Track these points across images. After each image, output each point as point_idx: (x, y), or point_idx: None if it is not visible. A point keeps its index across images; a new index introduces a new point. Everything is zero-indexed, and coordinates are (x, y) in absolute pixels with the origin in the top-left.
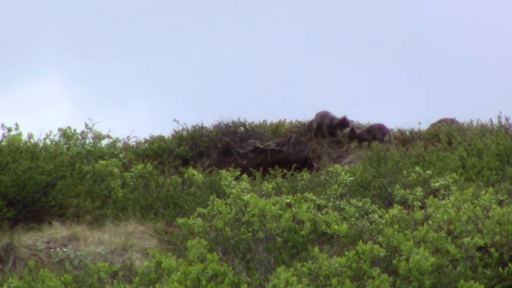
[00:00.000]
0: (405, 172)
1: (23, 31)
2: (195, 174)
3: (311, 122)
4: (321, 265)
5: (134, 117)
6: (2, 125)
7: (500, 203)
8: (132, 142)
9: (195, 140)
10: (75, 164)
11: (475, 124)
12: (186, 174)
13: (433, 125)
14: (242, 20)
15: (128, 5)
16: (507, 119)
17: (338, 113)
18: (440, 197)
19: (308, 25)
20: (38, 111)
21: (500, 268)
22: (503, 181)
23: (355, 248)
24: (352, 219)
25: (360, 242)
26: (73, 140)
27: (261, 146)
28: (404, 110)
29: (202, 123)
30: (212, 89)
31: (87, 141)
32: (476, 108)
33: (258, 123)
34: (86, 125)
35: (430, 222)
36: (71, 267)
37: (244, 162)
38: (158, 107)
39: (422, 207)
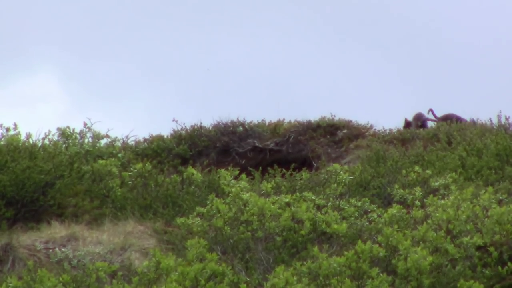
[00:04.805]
0: (404, 171)
1: (20, 28)
2: (194, 173)
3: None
4: (321, 265)
5: (133, 117)
6: (1, 125)
7: (499, 202)
8: (131, 141)
9: (194, 139)
10: (74, 163)
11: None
12: (185, 174)
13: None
14: (242, 19)
15: (126, 3)
16: (506, 119)
17: (338, 112)
18: (440, 196)
19: (307, 24)
20: (34, 107)
21: (500, 267)
22: (502, 180)
23: (354, 247)
24: (352, 218)
25: (360, 241)
26: (71, 140)
27: (260, 146)
28: (404, 110)
29: (201, 123)
30: (211, 88)
31: (86, 140)
32: (475, 107)
33: (257, 122)
34: (85, 124)
35: (429, 221)
36: (69, 267)
37: (243, 161)
38: (157, 107)
39: (422, 207)
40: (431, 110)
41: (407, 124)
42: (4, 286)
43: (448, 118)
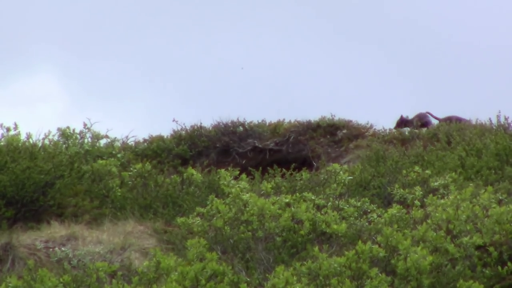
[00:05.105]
0: (404, 171)
1: (20, 28)
2: (194, 173)
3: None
4: (321, 265)
5: (133, 117)
6: (1, 125)
7: (499, 202)
8: (131, 141)
9: (194, 139)
10: (74, 163)
11: (474, 122)
12: (185, 174)
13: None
14: (241, 19)
15: (126, 3)
16: (506, 119)
17: (338, 112)
18: (439, 196)
19: (307, 24)
20: (34, 107)
21: (499, 267)
22: (502, 180)
23: (354, 247)
24: (351, 218)
25: (360, 242)
26: (71, 140)
27: (260, 146)
28: (404, 110)
29: (201, 123)
30: (211, 88)
31: (86, 140)
32: (475, 107)
33: (257, 122)
34: (85, 124)
35: (429, 221)
36: (69, 266)
37: (243, 161)
38: (157, 107)
39: (421, 206)
40: (429, 113)
41: (402, 120)
42: (4, 285)
43: (450, 120)
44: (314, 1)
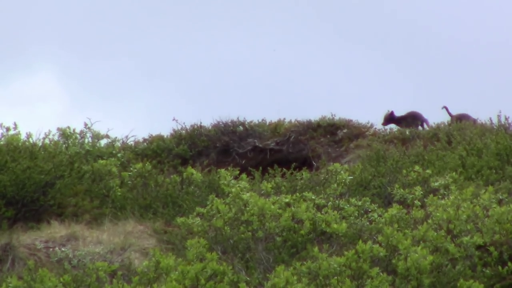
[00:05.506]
0: (404, 171)
1: (20, 28)
2: (194, 173)
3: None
4: (321, 265)
5: (133, 117)
6: (1, 125)
7: (499, 202)
8: (131, 141)
9: (194, 139)
10: (74, 163)
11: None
12: (185, 174)
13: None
14: (242, 19)
15: (126, 3)
16: (506, 118)
17: (338, 112)
18: (440, 196)
19: (307, 24)
20: (33, 106)
21: (500, 267)
22: (502, 180)
23: (354, 247)
24: (352, 218)
25: (360, 241)
26: (72, 140)
27: (260, 146)
28: (404, 109)
29: (201, 123)
30: (211, 88)
31: (86, 140)
32: (476, 107)
33: (257, 122)
34: (85, 124)
35: (429, 221)
36: (70, 266)
37: (243, 161)
38: (157, 106)
39: (422, 206)
40: (445, 108)
41: (392, 117)
42: (4, 285)
43: (462, 118)
44: (314, 1)
